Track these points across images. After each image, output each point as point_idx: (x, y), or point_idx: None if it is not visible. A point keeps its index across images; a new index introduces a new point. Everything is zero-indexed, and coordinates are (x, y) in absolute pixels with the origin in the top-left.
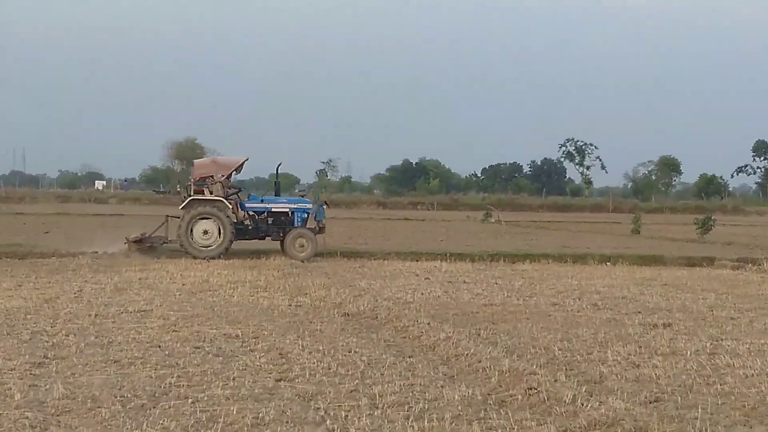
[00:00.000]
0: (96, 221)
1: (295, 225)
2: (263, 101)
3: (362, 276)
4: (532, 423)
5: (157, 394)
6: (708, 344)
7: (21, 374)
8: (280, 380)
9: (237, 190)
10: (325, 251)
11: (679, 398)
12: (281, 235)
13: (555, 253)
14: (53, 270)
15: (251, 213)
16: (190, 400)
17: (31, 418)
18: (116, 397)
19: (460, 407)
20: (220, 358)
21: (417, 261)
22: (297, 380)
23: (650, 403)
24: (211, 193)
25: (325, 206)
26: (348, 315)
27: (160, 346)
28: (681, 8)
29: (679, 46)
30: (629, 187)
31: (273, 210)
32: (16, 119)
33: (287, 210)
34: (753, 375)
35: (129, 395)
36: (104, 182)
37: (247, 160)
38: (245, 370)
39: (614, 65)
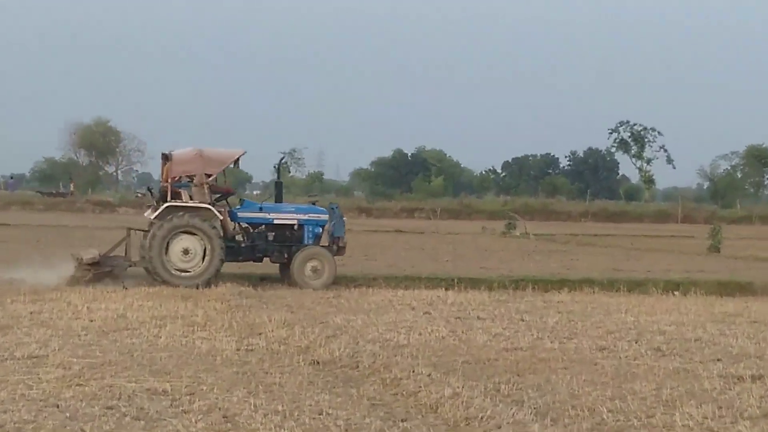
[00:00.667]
0: None
1: (306, 242)
2: (206, 77)
3: (338, 309)
4: None
5: None
6: None
7: None
8: None
9: (226, 193)
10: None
11: None
12: (285, 255)
13: (603, 279)
14: None
15: (244, 225)
16: None
17: None
18: None
19: None
20: (142, 422)
21: (413, 289)
22: None
23: None
24: (191, 198)
25: (344, 218)
26: (318, 363)
27: (58, 406)
28: None
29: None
30: (705, 187)
31: (276, 222)
32: None
33: (295, 222)
34: None
35: None
36: None
37: (244, 153)
38: None
39: (681, 29)
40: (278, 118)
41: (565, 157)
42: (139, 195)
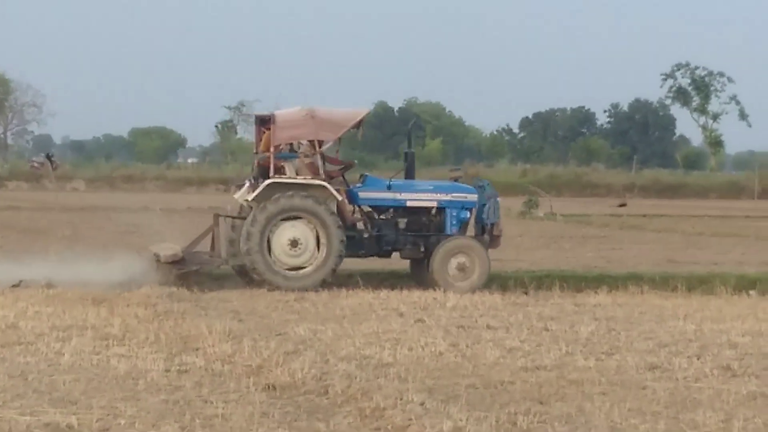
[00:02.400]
0: None
1: (448, 231)
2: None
3: (301, 317)
4: None
5: None
6: None
7: None
8: None
9: (344, 167)
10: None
11: None
12: (422, 249)
13: (655, 274)
14: None
15: (367, 209)
16: None
17: None
18: None
19: None
20: None
21: (401, 288)
22: None
23: None
24: (296, 173)
25: (499, 198)
26: (274, 388)
27: None
28: None
29: None
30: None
31: (409, 205)
32: None
33: (434, 204)
34: None
35: None
36: None
37: (369, 112)
38: None
39: None
40: (224, 66)
41: (604, 111)
42: (36, 165)
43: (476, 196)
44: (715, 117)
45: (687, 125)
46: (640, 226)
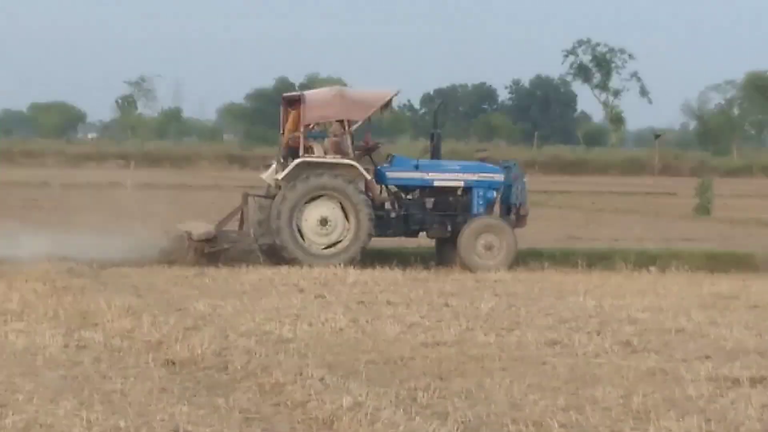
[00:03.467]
0: None
1: (475, 211)
2: None
3: (200, 292)
4: None
5: None
6: None
7: None
8: None
9: (373, 147)
10: (132, 248)
11: None
12: (449, 228)
13: (555, 250)
14: None
15: (394, 189)
16: None
17: None
18: None
19: None
20: None
21: (302, 265)
22: None
23: None
24: (325, 152)
25: (526, 179)
26: (173, 364)
27: None
28: None
29: None
30: (692, 129)
31: (436, 185)
32: None
33: (461, 184)
34: None
35: None
36: None
37: (398, 92)
38: None
39: None
40: (124, 40)
41: (506, 88)
42: None
43: (503, 176)
44: (616, 93)
45: (588, 102)
46: (540, 202)
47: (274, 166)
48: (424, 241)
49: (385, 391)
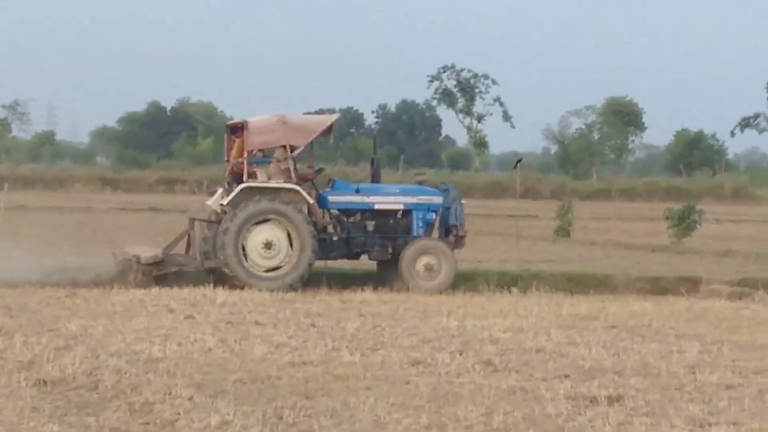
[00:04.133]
0: None
1: (415, 233)
2: None
3: (72, 313)
4: None
5: None
6: None
7: None
8: None
9: (315, 172)
10: (5, 270)
11: None
12: (390, 250)
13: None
14: None
15: (335, 212)
16: None
17: None
18: None
19: None
20: None
21: (172, 286)
22: None
23: None
24: (268, 177)
25: (464, 201)
26: (45, 383)
27: None
28: None
29: None
30: (553, 153)
31: (377, 207)
32: None
33: (401, 207)
34: None
35: None
36: None
37: (339, 118)
38: None
39: None
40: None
41: (372, 112)
42: None
43: (441, 198)
44: (480, 118)
45: (453, 126)
46: None
47: (219, 191)
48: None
49: (252, 410)
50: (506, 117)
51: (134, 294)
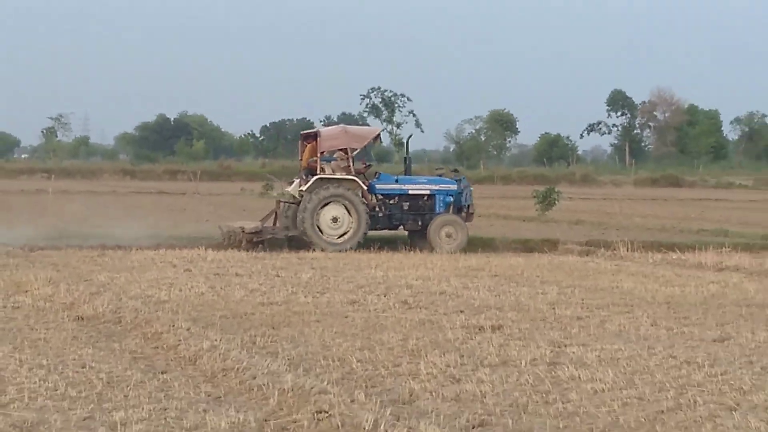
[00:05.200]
0: None
1: (438, 210)
2: None
3: (102, 268)
4: None
5: None
6: (548, 351)
7: None
8: None
9: (366, 167)
10: (53, 236)
11: (510, 421)
12: (419, 223)
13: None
14: None
15: (380, 196)
16: None
17: None
18: None
19: None
20: None
21: (174, 248)
22: (12, 406)
23: (473, 428)
24: (333, 171)
25: (472, 188)
26: (82, 319)
27: None
28: None
29: None
30: (452, 150)
31: (410, 193)
32: None
33: (427, 192)
34: (603, 390)
35: None
36: None
37: (382, 130)
38: None
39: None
40: (43, 83)
41: (320, 121)
42: None
43: (456, 186)
44: (398, 125)
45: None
46: None
47: (296, 181)
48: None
49: (233, 337)
50: (417, 124)
51: (147, 254)
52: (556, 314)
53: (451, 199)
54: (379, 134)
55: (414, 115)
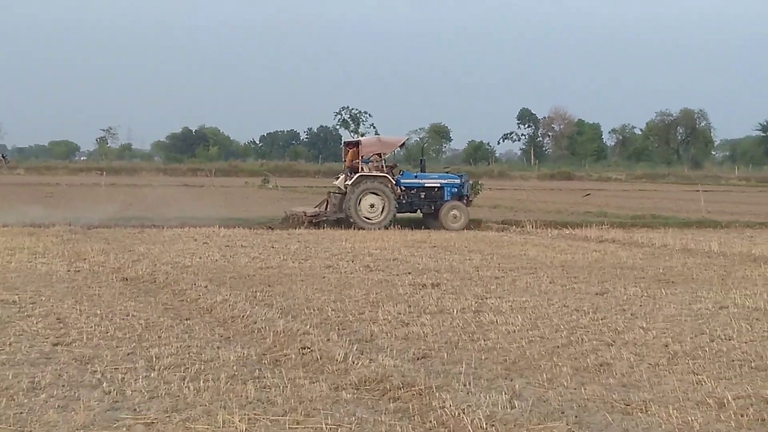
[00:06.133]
0: None
1: (446, 198)
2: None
3: (141, 241)
4: (305, 381)
5: None
6: (473, 303)
7: None
8: (57, 344)
9: (393, 166)
10: (105, 218)
11: (445, 354)
12: (432, 208)
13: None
14: None
15: (404, 188)
16: None
17: None
18: None
19: (235, 367)
20: None
21: (195, 227)
22: (74, 344)
23: (418, 359)
24: (370, 170)
25: (470, 182)
26: (126, 279)
27: None
28: None
29: (436, 15)
30: (402, 154)
31: (426, 185)
32: None
33: (438, 185)
34: (514, 331)
35: None
36: None
37: (407, 138)
38: (21, 335)
39: (380, 35)
40: (97, 101)
41: (304, 132)
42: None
43: (459, 180)
44: (362, 135)
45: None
46: (322, 192)
47: (342, 177)
48: (261, 213)
49: (239, 292)
50: (376, 134)
51: (175, 231)
52: (479, 275)
53: (456, 190)
54: (404, 142)
55: (374, 127)
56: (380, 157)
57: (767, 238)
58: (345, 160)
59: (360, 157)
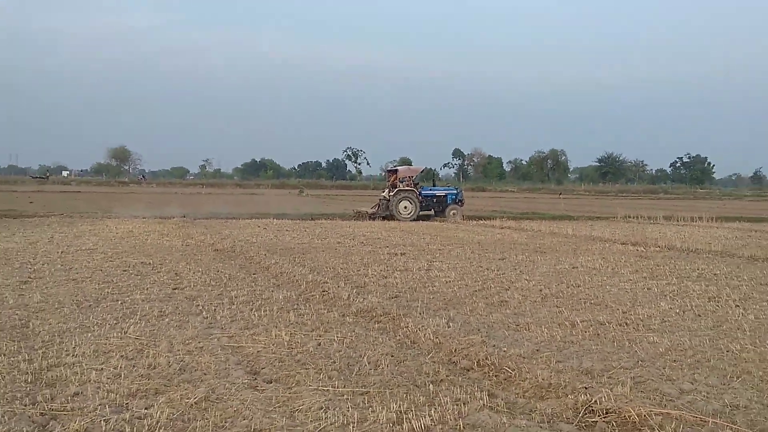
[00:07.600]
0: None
1: (449, 203)
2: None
3: (226, 227)
4: (324, 311)
5: (98, 299)
6: (425, 264)
7: (13, 288)
8: (175, 289)
9: (417, 183)
10: (203, 213)
11: (408, 295)
12: (441, 208)
13: (340, 213)
14: (34, 225)
15: (423, 197)
16: (119, 302)
17: (19, 314)
18: (73, 301)
19: (282, 303)
20: (138, 276)
21: (258, 219)
22: (185, 289)
23: (392, 298)
24: (404, 186)
25: (463, 191)
26: (217, 250)
27: (101, 270)
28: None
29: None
30: (383, 175)
31: (437, 194)
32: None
33: (444, 194)
34: (450, 281)
35: (81, 299)
36: (68, 171)
37: (424, 168)
38: (154, 283)
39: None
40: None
41: (325, 162)
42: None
43: (456, 190)
44: (359, 164)
45: (351, 167)
46: (335, 198)
47: (386, 191)
48: (301, 210)
49: (286, 258)
50: (368, 163)
51: (246, 221)
52: (429, 248)
53: (454, 197)
54: (423, 169)
55: (366, 159)
56: (410, 179)
57: (601, 226)
58: (388, 180)
59: (399, 180)
